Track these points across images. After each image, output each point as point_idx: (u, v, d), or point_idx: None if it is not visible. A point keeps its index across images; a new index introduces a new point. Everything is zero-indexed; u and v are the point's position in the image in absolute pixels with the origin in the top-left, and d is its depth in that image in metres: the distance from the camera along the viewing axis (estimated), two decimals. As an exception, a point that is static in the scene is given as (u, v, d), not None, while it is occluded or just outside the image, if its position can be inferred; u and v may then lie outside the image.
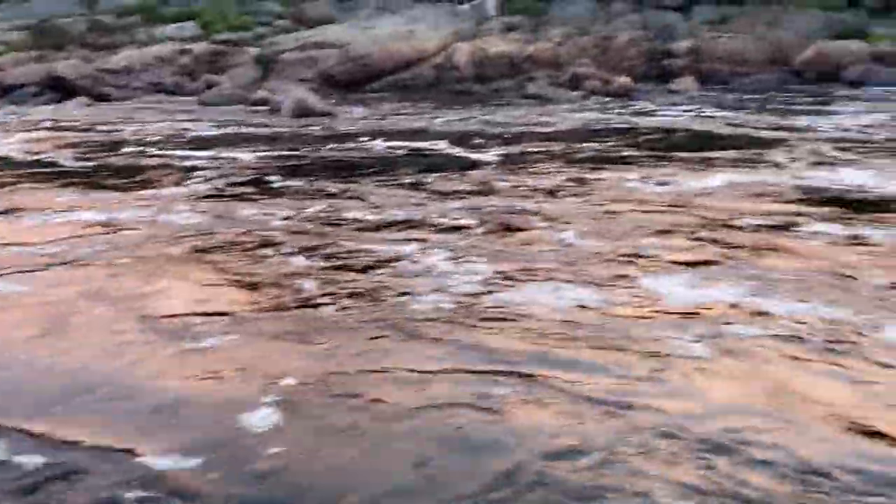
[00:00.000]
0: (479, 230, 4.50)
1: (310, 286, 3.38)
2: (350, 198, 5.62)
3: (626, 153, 8.27)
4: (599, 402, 2.27)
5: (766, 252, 4.00)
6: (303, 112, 13.52)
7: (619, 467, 1.95)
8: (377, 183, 6.32)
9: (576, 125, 12.15)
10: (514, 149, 8.73)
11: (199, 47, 22.81)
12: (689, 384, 2.42)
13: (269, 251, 3.98)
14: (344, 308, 3.08)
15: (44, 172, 7.24)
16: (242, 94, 17.05)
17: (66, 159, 7.93)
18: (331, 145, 9.00)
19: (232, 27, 24.73)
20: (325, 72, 22.09)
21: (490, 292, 3.28)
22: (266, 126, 11.87)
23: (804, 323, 2.94)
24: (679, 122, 12.41)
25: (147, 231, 4.47)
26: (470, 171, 6.97)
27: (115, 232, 4.46)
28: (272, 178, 6.56)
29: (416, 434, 2.08)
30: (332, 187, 6.10)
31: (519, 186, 6.05)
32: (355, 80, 22.36)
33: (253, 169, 7.17)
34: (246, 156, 7.97)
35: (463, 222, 4.69)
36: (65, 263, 3.78)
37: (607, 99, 18.81)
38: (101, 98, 17.83)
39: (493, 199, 5.60)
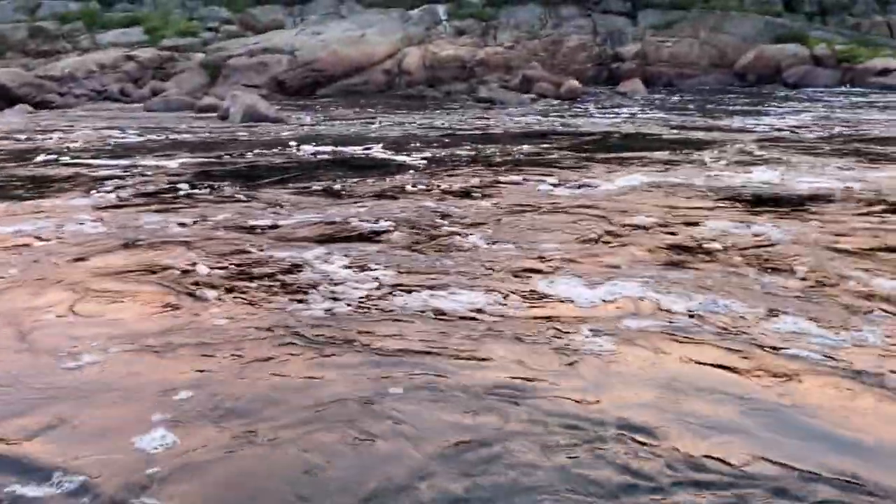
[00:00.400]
0: (385, 235, 4.55)
1: (204, 293, 3.38)
2: (262, 203, 5.58)
3: (554, 156, 8.42)
4: (496, 396, 2.35)
5: (664, 250, 4.14)
6: (252, 118, 13.44)
7: (512, 460, 2.02)
8: (294, 189, 6.29)
9: (516, 128, 12.33)
10: (446, 152, 8.85)
11: (145, 53, 22.51)
12: (587, 377, 2.52)
13: (167, 260, 3.92)
14: (234, 317, 3.10)
15: None
16: (189, 100, 16.86)
17: None
18: (259, 151, 8.93)
19: (179, 32, 24.44)
20: (275, 77, 21.97)
21: (386, 296, 3.33)
22: (205, 132, 11.76)
23: (698, 316, 3.07)
24: (619, 124, 12.67)
25: (36, 242, 4.37)
26: (393, 175, 6.99)
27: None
28: (188, 184, 6.44)
29: (308, 440, 2.12)
30: (246, 193, 6.02)
31: (433, 190, 6.08)
32: (306, 86, 22.29)
33: (172, 176, 7.05)
34: (169, 163, 7.85)
35: (368, 227, 4.73)
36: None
37: (556, 102, 19.10)
38: (43, 105, 17.45)
39: (405, 202, 5.64)
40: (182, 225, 4.85)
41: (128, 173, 7.22)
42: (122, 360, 2.65)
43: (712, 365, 2.64)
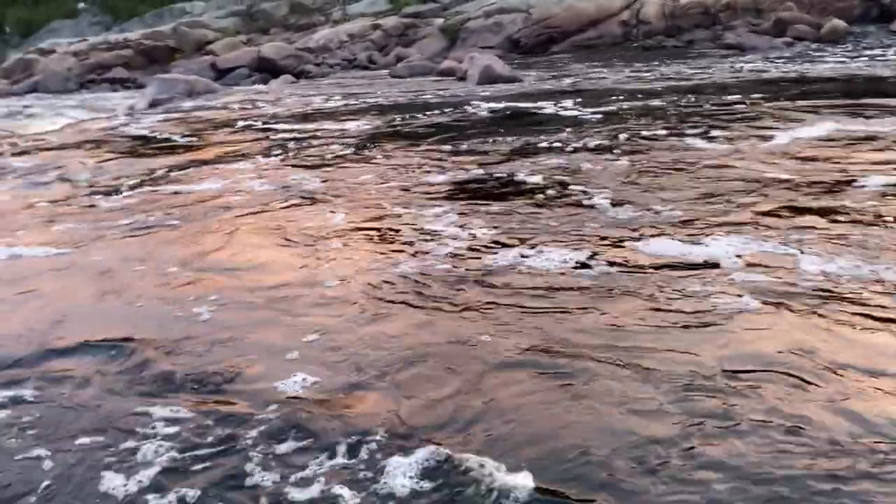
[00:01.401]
0: (510, 195, 4.59)
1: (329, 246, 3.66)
2: (414, 160, 5.87)
3: (762, 106, 7.70)
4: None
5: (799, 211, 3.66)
6: (489, 79, 13.65)
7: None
8: (451, 148, 6.49)
9: (740, 76, 11.40)
10: (631, 104, 8.61)
11: (389, 22, 23.67)
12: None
13: (303, 216, 4.37)
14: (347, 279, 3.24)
15: (153, 146, 8.02)
16: (430, 64, 17.50)
17: (180, 135, 8.70)
18: (449, 110, 9.33)
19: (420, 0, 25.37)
20: (510, 37, 22.08)
21: (480, 258, 3.33)
22: (439, 92, 12.10)
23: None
24: (875, 66, 11.20)
25: (205, 197, 5.08)
26: (558, 131, 6.83)
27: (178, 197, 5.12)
28: (353, 146, 6.94)
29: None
30: (405, 152, 6.38)
31: (585, 147, 5.95)
32: (540, 43, 22.15)
33: (343, 138, 7.56)
34: (349, 126, 8.47)
35: (494, 186, 4.85)
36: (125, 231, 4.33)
37: (815, 45, 17.22)
38: (302, 75, 19.06)
39: (552, 158, 5.58)
40: (325, 181, 5.26)
41: (306, 136, 7.86)
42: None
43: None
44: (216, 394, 2.27)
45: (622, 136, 6.45)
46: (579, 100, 9.65)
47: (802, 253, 3.17)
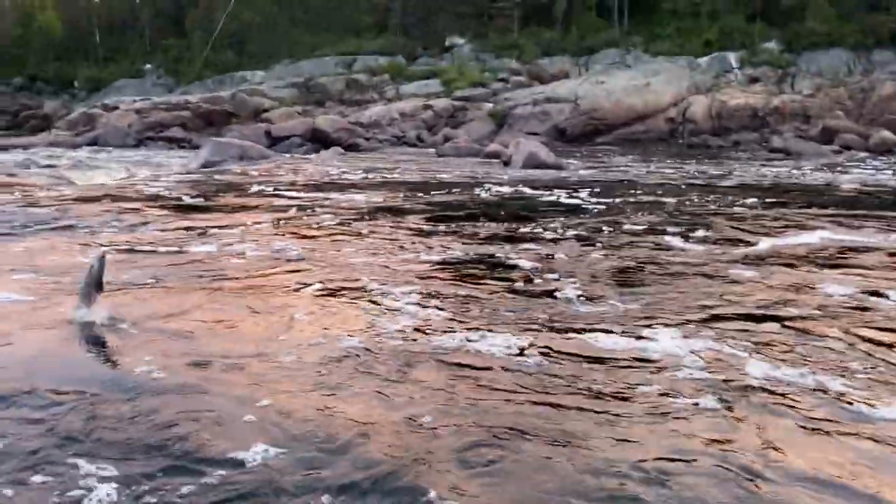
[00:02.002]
0: (485, 272, 4.86)
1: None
2: (396, 236, 6.09)
3: (771, 211, 7.83)
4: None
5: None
6: (533, 164, 13.87)
7: None
8: (472, 227, 6.71)
9: (771, 180, 11.64)
10: (642, 198, 8.96)
11: (440, 103, 24.34)
12: None
13: (279, 278, 4.53)
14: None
15: (168, 205, 8.30)
16: (476, 146, 17.86)
17: (206, 196, 9.10)
18: (464, 189, 9.63)
19: (471, 84, 26.09)
20: (556, 125, 22.52)
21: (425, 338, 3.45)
22: (470, 173, 12.30)
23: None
24: None
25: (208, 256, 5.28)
26: (553, 219, 7.23)
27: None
28: (351, 218, 7.18)
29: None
30: (400, 228, 6.64)
31: (571, 237, 6.20)
32: (586, 133, 22.53)
33: (349, 210, 7.83)
34: (358, 197, 8.82)
35: (468, 266, 5.05)
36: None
37: (864, 154, 17.22)
38: (352, 148, 19.58)
39: (536, 245, 5.82)
40: (310, 250, 5.51)
41: (317, 204, 8.22)
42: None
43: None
44: (166, 458, 2.25)
45: (607, 230, 6.64)
46: (596, 190, 9.88)
47: (751, 356, 3.18)
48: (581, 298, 4.19)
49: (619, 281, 4.66)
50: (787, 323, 3.72)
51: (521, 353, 3.25)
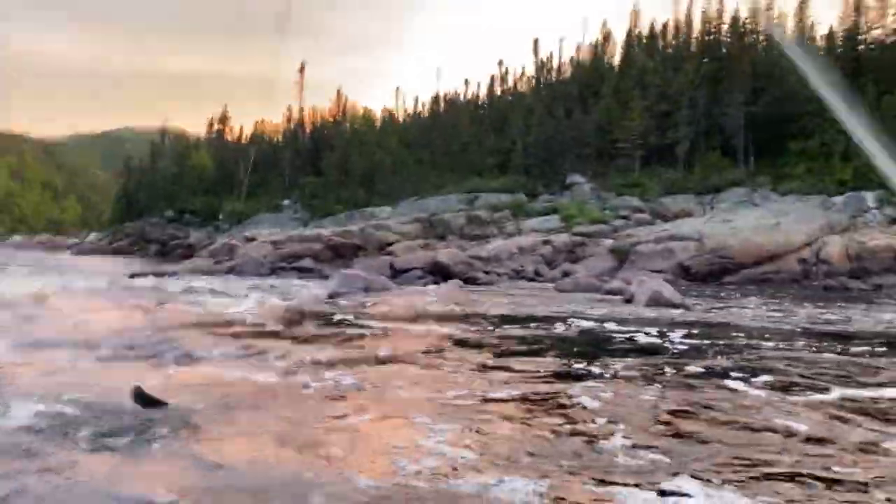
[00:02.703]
0: (533, 412, 4.69)
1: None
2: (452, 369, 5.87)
3: (848, 358, 7.15)
4: None
5: None
6: (657, 302, 13.49)
7: None
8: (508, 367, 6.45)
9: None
10: (739, 342, 8.43)
11: (560, 238, 24.50)
12: None
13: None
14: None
15: (253, 332, 8.43)
16: (596, 282, 17.66)
17: (278, 324, 9.30)
18: (558, 327, 9.35)
19: (591, 220, 26.24)
20: (680, 263, 22.01)
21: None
22: (576, 309, 12.02)
23: None
24: None
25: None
26: (623, 358, 6.89)
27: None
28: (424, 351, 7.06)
29: None
30: (462, 363, 6.55)
31: (628, 377, 5.91)
32: (712, 272, 21.85)
33: (417, 339, 7.62)
34: (431, 328, 8.67)
35: (518, 404, 4.92)
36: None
37: None
38: (471, 281, 19.84)
39: (595, 384, 5.65)
40: (363, 380, 5.45)
41: (382, 334, 8.37)
42: None
43: None
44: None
45: (671, 371, 6.40)
46: (695, 331, 9.51)
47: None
48: (616, 445, 4.02)
49: (665, 429, 4.48)
50: (835, 487, 3.35)
51: (541, 501, 3.14)
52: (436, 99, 56.25)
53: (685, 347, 8.08)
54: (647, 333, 9.09)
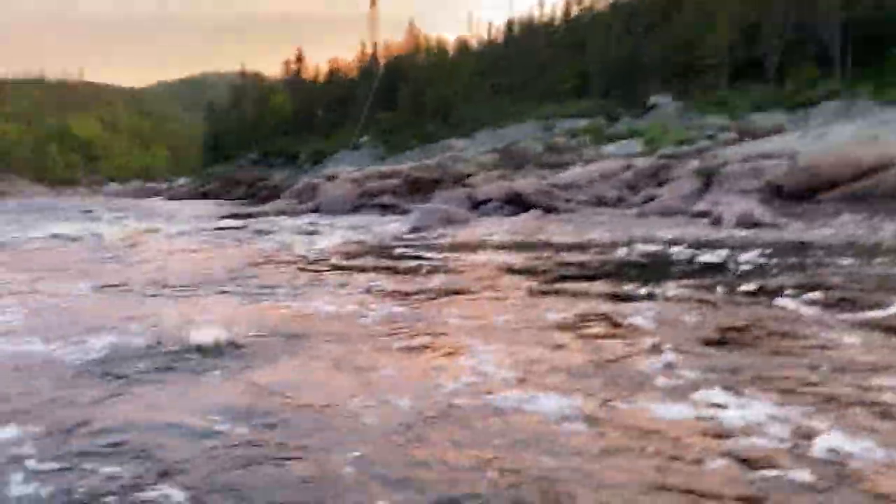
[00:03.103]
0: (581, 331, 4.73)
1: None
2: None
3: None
4: None
5: None
6: (747, 223, 13.05)
7: None
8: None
9: None
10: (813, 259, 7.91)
11: (642, 162, 23.81)
12: None
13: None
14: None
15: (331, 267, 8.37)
16: (682, 205, 17.18)
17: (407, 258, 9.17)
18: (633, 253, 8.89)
19: (675, 142, 25.35)
20: (770, 182, 21.07)
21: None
22: (659, 234, 11.68)
23: None
24: None
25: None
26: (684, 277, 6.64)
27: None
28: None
29: None
30: (522, 291, 6.40)
31: (683, 297, 5.74)
32: (805, 191, 20.86)
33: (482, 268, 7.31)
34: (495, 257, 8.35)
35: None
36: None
37: None
38: (551, 210, 19.62)
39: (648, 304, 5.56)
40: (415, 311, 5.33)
41: (451, 265, 8.22)
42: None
43: None
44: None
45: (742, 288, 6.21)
46: (775, 251, 9.13)
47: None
48: (654, 362, 4.04)
49: (703, 346, 4.47)
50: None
51: (572, 415, 3.22)
52: (510, 24, 54.82)
53: (763, 267, 7.81)
54: (730, 255, 8.80)
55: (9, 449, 2.86)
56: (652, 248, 9.93)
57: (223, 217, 22.10)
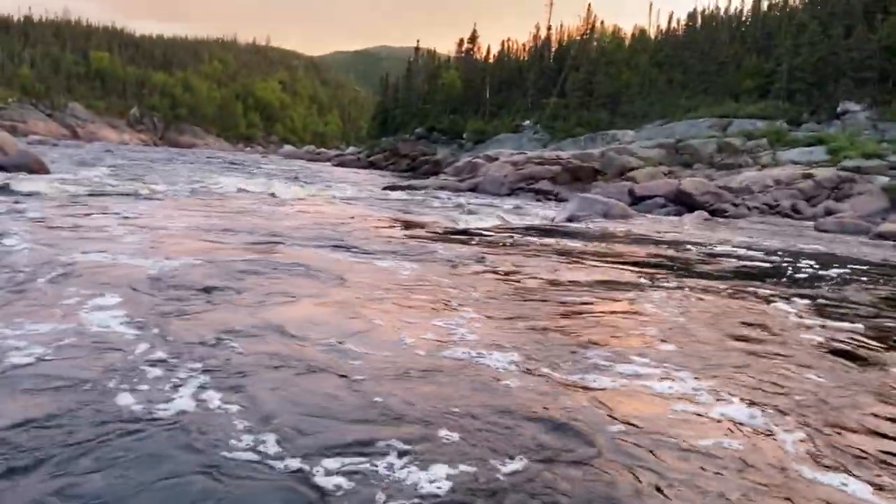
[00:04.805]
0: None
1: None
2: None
3: None
4: None
5: None
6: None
7: None
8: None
9: None
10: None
11: (823, 172, 22.18)
12: None
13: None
14: None
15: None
16: (865, 224, 15.87)
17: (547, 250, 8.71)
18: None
19: (863, 154, 23.35)
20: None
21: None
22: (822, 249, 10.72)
23: None
24: None
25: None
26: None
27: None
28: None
29: None
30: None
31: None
32: None
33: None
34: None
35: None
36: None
37: None
38: (718, 213, 18.75)
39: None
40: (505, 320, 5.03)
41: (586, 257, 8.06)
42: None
43: None
44: None
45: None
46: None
47: None
48: (614, 347, 4.21)
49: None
50: None
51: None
52: (692, 15, 52.45)
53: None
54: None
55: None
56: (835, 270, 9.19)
57: (386, 188, 22.95)
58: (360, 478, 2.38)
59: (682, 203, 19.38)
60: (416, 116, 58.75)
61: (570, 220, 14.17)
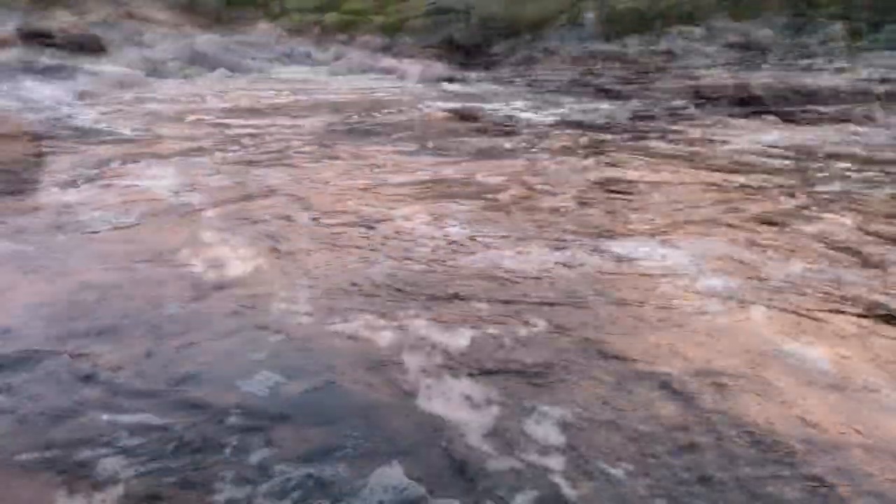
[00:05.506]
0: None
1: None
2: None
3: None
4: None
5: None
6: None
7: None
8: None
9: None
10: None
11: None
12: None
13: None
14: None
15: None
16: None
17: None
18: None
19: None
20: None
21: None
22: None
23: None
24: None
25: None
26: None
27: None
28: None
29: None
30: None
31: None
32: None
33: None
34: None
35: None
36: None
37: None
38: (786, 119, 17.92)
39: None
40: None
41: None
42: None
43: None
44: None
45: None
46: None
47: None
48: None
49: None
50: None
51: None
52: None
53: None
54: None
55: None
56: None
57: (442, 79, 22.54)
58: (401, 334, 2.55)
59: (750, 104, 18.57)
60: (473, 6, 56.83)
61: (633, 118, 13.82)
